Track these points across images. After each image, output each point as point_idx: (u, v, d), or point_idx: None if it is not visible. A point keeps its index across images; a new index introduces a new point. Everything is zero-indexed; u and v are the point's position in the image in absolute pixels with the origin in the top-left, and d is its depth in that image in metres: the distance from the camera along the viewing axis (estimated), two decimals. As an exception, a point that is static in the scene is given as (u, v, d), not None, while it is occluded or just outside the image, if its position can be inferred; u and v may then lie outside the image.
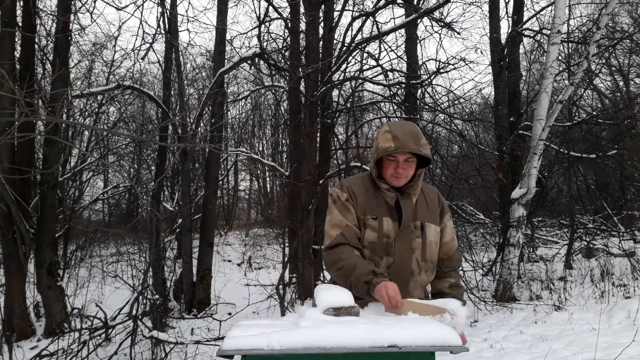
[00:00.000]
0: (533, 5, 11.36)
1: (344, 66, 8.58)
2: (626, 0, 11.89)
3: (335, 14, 8.96)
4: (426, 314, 1.83)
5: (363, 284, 1.96)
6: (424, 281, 2.21)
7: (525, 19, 10.14)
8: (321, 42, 8.46)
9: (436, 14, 8.79)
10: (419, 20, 9.04)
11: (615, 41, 9.52)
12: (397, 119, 10.91)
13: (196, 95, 13.19)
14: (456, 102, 9.39)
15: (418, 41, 10.13)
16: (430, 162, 2.26)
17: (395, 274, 2.10)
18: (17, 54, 6.46)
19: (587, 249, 9.69)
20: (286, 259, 8.22)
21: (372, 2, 9.54)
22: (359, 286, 1.98)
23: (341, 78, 8.48)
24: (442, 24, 8.85)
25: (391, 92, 9.24)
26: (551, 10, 8.65)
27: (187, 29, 16.02)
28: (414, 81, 9.01)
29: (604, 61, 10.97)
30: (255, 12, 9.89)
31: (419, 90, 9.22)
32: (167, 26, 8.23)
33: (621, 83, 14.15)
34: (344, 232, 2.12)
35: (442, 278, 2.29)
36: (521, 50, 10.66)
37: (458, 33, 8.88)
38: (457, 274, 2.34)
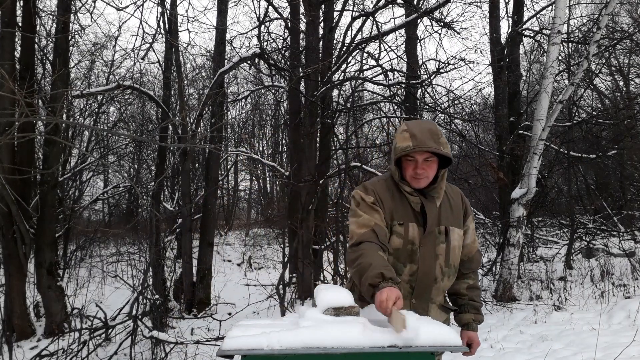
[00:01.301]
0: (533, 5, 11.38)
1: (344, 66, 8.59)
2: (626, 0, 11.89)
3: (335, 14, 8.96)
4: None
5: (368, 287, 1.87)
6: (446, 286, 2.17)
7: (525, 19, 10.14)
8: (321, 42, 8.46)
9: (436, 14, 8.79)
10: (419, 20, 9.05)
11: (615, 41, 9.52)
12: (397, 119, 10.92)
13: (196, 95, 13.19)
14: (456, 102, 9.39)
15: (418, 41, 10.14)
16: (452, 162, 2.16)
17: (418, 280, 2.06)
18: (17, 54, 6.46)
19: (587, 249, 9.69)
20: (286, 259, 8.22)
21: (372, 2, 9.54)
22: (365, 288, 1.89)
23: (341, 78, 8.48)
24: (442, 24, 8.85)
25: (391, 92, 9.24)
26: (551, 10, 8.66)
27: (187, 29, 16.04)
28: (414, 81, 9.01)
29: (604, 61, 10.97)
30: (255, 12, 9.90)
31: (419, 90, 9.22)
32: (167, 26, 8.23)
33: (621, 83, 14.15)
34: (374, 229, 2.02)
35: (461, 279, 2.25)
36: (521, 50, 10.67)
37: (458, 33, 8.88)
38: (476, 275, 2.31)
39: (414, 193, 2.10)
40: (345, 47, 8.49)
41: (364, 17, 8.73)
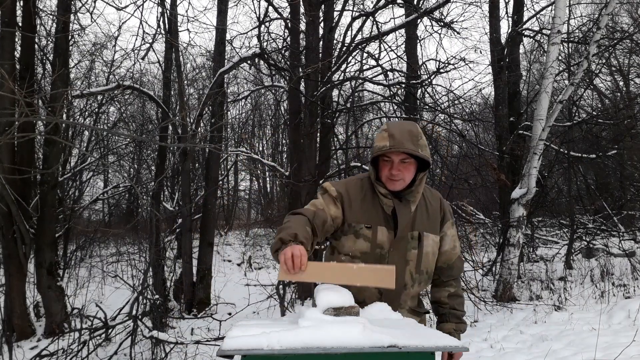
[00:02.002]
0: (533, 5, 11.37)
1: (344, 66, 8.59)
2: (626, 0, 11.89)
3: (335, 14, 8.96)
4: (352, 280, 1.74)
5: (277, 241, 1.83)
6: (417, 292, 2.12)
7: (525, 18, 10.15)
8: (321, 42, 8.47)
9: (436, 13, 8.79)
10: (419, 20, 9.05)
11: (615, 41, 9.53)
12: (397, 119, 10.91)
13: (196, 95, 13.19)
14: (456, 102, 9.39)
15: (418, 41, 10.14)
16: (430, 165, 2.10)
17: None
18: (17, 54, 6.46)
19: (587, 249, 9.70)
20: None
21: (372, 2, 9.54)
22: (274, 242, 1.85)
23: (341, 78, 8.48)
24: (442, 23, 8.86)
25: (391, 92, 9.24)
26: (551, 10, 8.66)
27: (187, 29, 16.03)
28: (414, 81, 9.01)
29: (604, 61, 10.97)
30: (255, 12, 9.89)
31: (419, 90, 9.22)
32: (167, 26, 8.23)
33: (621, 83, 14.15)
34: (316, 212, 2.00)
35: (441, 287, 2.21)
36: (521, 50, 10.67)
37: (458, 33, 8.89)
38: (458, 283, 2.24)
39: (387, 195, 2.04)
40: (345, 47, 8.49)
41: (364, 17, 8.73)
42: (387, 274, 1.73)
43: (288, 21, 8.61)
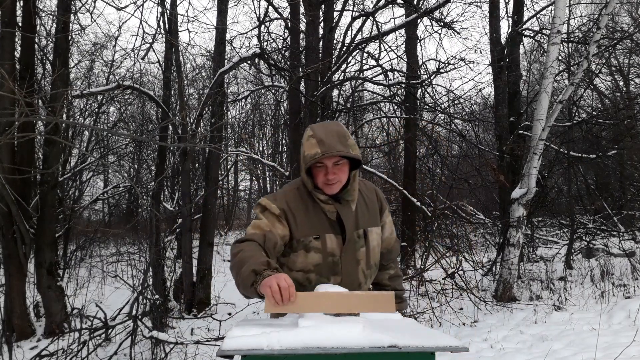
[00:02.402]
0: (533, 5, 11.37)
1: (344, 66, 8.60)
2: (626, 0, 11.90)
3: (335, 14, 8.96)
4: (336, 310, 1.66)
5: (250, 274, 1.71)
6: (369, 287, 2.15)
7: (525, 18, 10.15)
8: (321, 42, 8.47)
9: (436, 13, 8.80)
10: (419, 20, 9.05)
11: (615, 41, 9.53)
12: (397, 119, 10.93)
13: (196, 95, 13.20)
14: (456, 102, 9.41)
15: (418, 41, 10.15)
16: (362, 163, 2.11)
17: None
18: (17, 54, 6.46)
19: (587, 249, 9.70)
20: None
21: (372, 2, 9.55)
22: (245, 277, 1.72)
23: (341, 78, 8.49)
24: (442, 23, 8.86)
25: (391, 92, 9.25)
26: (551, 10, 8.65)
27: (187, 29, 16.01)
28: (414, 81, 9.02)
29: (604, 61, 10.98)
30: (255, 12, 9.90)
31: (419, 90, 9.23)
32: (167, 26, 8.23)
33: (621, 83, 14.16)
34: (266, 234, 1.93)
35: (382, 270, 2.25)
36: (521, 50, 10.68)
37: (458, 33, 8.89)
38: (396, 264, 2.30)
39: (328, 201, 2.02)
40: (345, 47, 8.49)
41: (364, 17, 8.74)
42: (386, 300, 1.68)
43: (288, 21, 8.61)
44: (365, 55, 8.82)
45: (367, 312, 1.67)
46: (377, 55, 8.86)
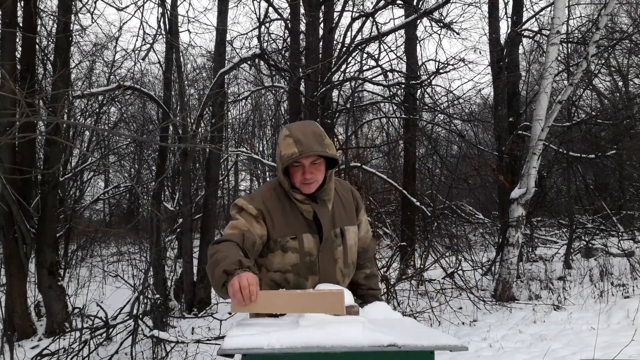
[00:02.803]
0: (532, 6, 11.37)
1: (343, 67, 8.60)
2: (625, 0, 11.91)
3: (335, 14, 8.97)
4: (288, 309, 1.68)
5: (222, 274, 1.71)
6: (347, 284, 2.15)
7: (524, 19, 10.16)
8: (321, 43, 8.48)
9: (436, 14, 8.81)
10: (418, 20, 9.06)
11: (614, 41, 9.54)
12: (397, 119, 10.94)
13: (197, 96, 13.21)
14: (455, 102, 9.42)
15: (417, 42, 10.16)
16: (338, 162, 2.12)
17: None
18: (18, 55, 6.47)
19: (586, 248, 9.72)
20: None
21: (372, 2, 9.56)
22: (217, 277, 1.73)
23: (341, 78, 8.49)
24: (442, 24, 8.87)
25: (391, 93, 9.26)
26: (550, 11, 8.67)
27: (188, 30, 15.99)
28: (414, 81, 9.03)
29: (603, 61, 10.98)
30: (256, 13, 9.92)
31: (419, 91, 9.24)
32: (167, 27, 8.24)
33: (620, 83, 14.17)
34: (244, 233, 1.93)
35: (358, 269, 2.24)
36: (520, 51, 10.69)
37: (457, 33, 8.90)
38: (372, 263, 2.31)
39: (305, 201, 2.02)
40: (345, 48, 8.50)
41: (364, 18, 8.75)
42: (336, 299, 1.68)
43: (288, 22, 8.62)
44: (365, 55, 8.83)
45: (315, 312, 1.66)
46: (376, 56, 8.87)
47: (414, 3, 9.54)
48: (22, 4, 6.46)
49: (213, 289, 1.83)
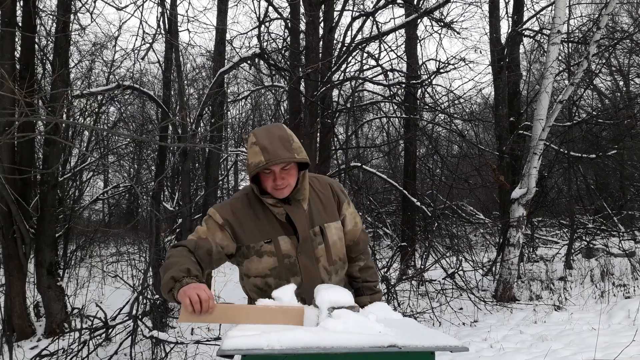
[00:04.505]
0: (533, 5, 11.36)
1: (344, 66, 8.59)
2: (626, 0, 11.90)
3: (335, 14, 8.96)
4: (260, 321, 1.69)
5: (169, 280, 1.74)
6: (337, 281, 2.13)
7: (525, 19, 10.15)
8: (321, 42, 8.46)
9: (436, 14, 8.79)
10: (419, 20, 9.04)
11: (615, 41, 9.54)
12: (397, 119, 10.92)
13: (196, 95, 13.19)
14: (456, 102, 9.40)
15: (418, 41, 10.14)
16: (309, 165, 2.08)
17: (306, 291, 1.96)
18: (17, 54, 6.46)
19: (587, 249, 9.70)
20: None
21: (372, 2, 9.54)
22: (165, 283, 1.76)
23: (341, 78, 8.48)
24: (442, 24, 8.85)
25: (391, 92, 9.24)
26: (551, 10, 8.66)
27: (187, 29, 15.95)
28: (414, 81, 9.01)
29: (604, 61, 10.98)
30: (255, 13, 9.88)
31: (419, 90, 9.22)
32: (167, 26, 8.23)
33: (621, 83, 14.17)
34: (197, 241, 1.96)
35: (352, 263, 2.23)
36: (521, 50, 10.67)
37: (458, 33, 8.89)
38: (366, 255, 2.28)
39: (277, 204, 2.01)
40: (345, 47, 8.49)
41: (364, 17, 8.73)
42: (296, 314, 1.71)
43: (288, 21, 8.61)
44: (365, 55, 8.81)
45: (277, 323, 1.69)
46: (377, 55, 8.85)
47: (415, 2, 9.53)
48: (22, 4, 6.45)
49: (162, 293, 1.86)
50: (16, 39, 6.41)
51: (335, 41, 8.91)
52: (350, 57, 8.52)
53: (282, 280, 2.00)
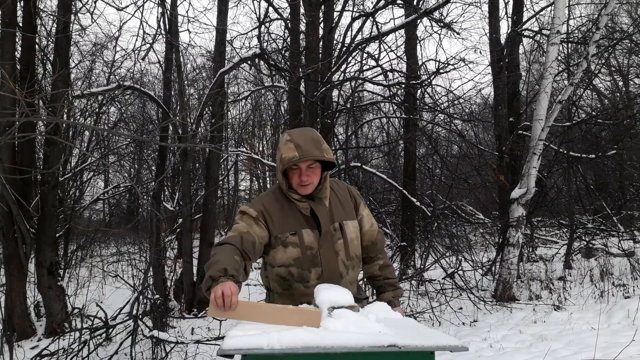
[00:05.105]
0: (532, 6, 11.37)
1: (343, 66, 8.60)
2: (626, 0, 11.90)
3: (335, 14, 8.96)
4: (280, 320, 1.77)
5: (207, 279, 1.90)
6: (353, 278, 2.27)
7: (524, 19, 10.16)
8: (321, 43, 8.47)
9: (436, 14, 8.80)
10: (418, 20, 9.05)
11: (614, 41, 9.54)
12: (397, 119, 10.94)
13: (196, 96, 13.18)
14: (456, 102, 9.41)
15: (418, 41, 10.15)
16: (335, 166, 2.30)
17: (326, 281, 2.13)
18: (17, 55, 6.47)
19: (587, 248, 9.71)
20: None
21: (372, 2, 9.55)
22: (205, 280, 1.92)
23: (341, 78, 8.49)
24: (442, 24, 8.86)
25: (391, 93, 9.25)
26: (551, 11, 8.66)
27: (188, 30, 15.95)
28: (414, 81, 9.02)
29: (603, 61, 10.98)
30: (255, 13, 9.90)
31: (419, 91, 9.23)
32: (167, 26, 8.23)
33: (620, 83, 14.17)
34: (242, 235, 2.10)
35: (371, 262, 2.38)
36: (521, 51, 10.68)
37: (458, 33, 8.89)
38: (384, 254, 2.43)
39: (302, 199, 2.19)
40: (345, 48, 8.50)
41: (364, 18, 8.74)
42: (313, 316, 1.77)
43: (288, 21, 8.62)
44: (365, 55, 8.82)
45: (294, 324, 1.75)
46: (377, 56, 8.86)
47: (414, 3, 9.53)
48: (22, 4, 6.46)
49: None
50: (17, 40, 6.42)
51: (335, 41, 8.92)
52: (350, 58, 8.53)
53: (304, 270, 2.15)
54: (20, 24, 6.49)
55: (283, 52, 9.11)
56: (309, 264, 2.15)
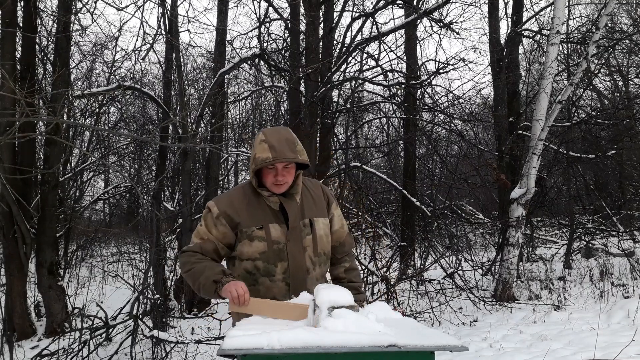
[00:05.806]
0: (532, 6, 11.37)
1: (343, 67, 8.59)
2: (625, 0, 11.90)
3: (335, 14, 8.96)
4: (281, 315, 1.96)
5: (212, 283, 2.06)
6: (320, 274, 2.28)
7: (524, 19, 10.16)
8: (321, 43, 8.47)
9: (436, 14, 8.80)
10: (418, 20, 9.05)
11: (614, 41, 9.54)
12: (397, 119, 10.94)
13: (196, 96, 13.17)
14: (455, 102, 9.41)
15: (417, 42, 10.15)
16: (309, 166, 2.32)
17: (292, 276, 2.17)
18: (18, 55, 6.47)
19: (587, 248, 9.72)
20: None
21: (372, 2, 9.55)
22: (207, 285, 2.08)
23: (341, 78, 8.49)
24: (442, 24, 8.86)
25: (391, 93, 9.25)
26: (550, 11, 8.67)
27: (188, 30, 15.89)
28: (414, 81, 9.03)
29: (603, 61, 10.98)
30: (255, 13, 9.89)
31: (419, 91, 9.23)
32: (167, 27, 8.23)
33: (620, 83, 14.17)
34: (202, 245, 2.20)
35: (337, 264, 2.40)
36: (520, 51, 10.68)
37: (457, 33, 8.89)
38: (351, 257, 2.44)
39: (272, 195, 2.22)
40: (345, 48, 8.50)
41: (364, 18, 8.74)
42: (304, 310, 1.94)
43: (288, 22, 8.61)
44: (365, 55, 8.82)
45: (295, 319, 1.92)
46: (376, 56, 8.86)
47: (414, 3, 9.53)
48: (22, 4, 6.46)
49: (196, 292, 2.21)
50: (17, 40, 6.42)
51: (335, 42, 8.92)
52: (350, 58, 8.53)
53: (270, 264, 2.17)
54: (21, 24, 6.50)
55: (283, 52, 9.11)
56: (275, 258, 2.17)
